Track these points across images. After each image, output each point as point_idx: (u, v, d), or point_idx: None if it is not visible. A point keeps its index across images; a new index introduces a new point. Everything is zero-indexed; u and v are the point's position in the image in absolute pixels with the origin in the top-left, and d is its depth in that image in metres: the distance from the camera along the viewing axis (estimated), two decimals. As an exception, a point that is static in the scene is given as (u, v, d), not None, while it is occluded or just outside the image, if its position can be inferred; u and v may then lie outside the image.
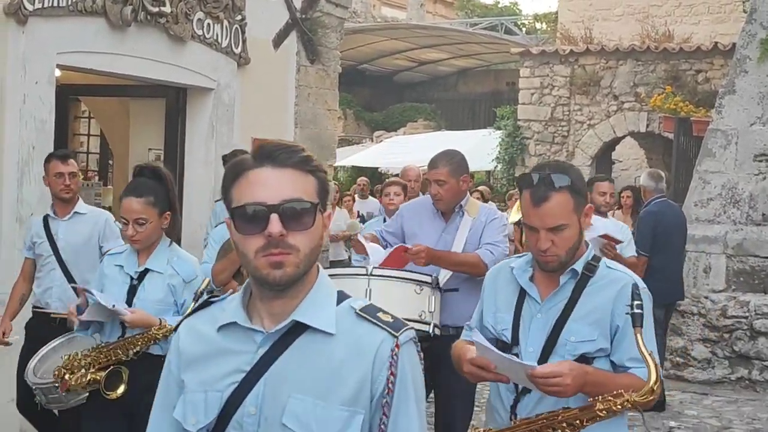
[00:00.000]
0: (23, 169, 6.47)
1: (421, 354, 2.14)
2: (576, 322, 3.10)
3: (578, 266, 3.13)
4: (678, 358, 9.73)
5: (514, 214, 10.41)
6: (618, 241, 6.97)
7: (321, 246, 2.10)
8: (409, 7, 32.57)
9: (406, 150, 21.93)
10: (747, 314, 9.45)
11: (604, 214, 7.22)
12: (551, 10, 29.45)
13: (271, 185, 2.02)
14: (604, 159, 18.87)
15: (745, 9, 12.53)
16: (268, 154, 2.06)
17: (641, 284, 3.14)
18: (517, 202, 11.41)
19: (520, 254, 3.59)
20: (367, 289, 4.71)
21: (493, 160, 19.05)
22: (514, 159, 18.59)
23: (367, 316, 2.08)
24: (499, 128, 19.32)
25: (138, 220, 4.33)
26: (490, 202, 13.52)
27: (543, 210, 3.03)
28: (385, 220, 10.52)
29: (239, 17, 8.56)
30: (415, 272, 4.99)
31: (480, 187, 13.82)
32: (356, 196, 14.19)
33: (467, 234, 5.20)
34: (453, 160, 5.24)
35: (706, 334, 9.62)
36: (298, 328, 2.05)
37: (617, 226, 7.50)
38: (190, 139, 8.49)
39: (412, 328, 2.11)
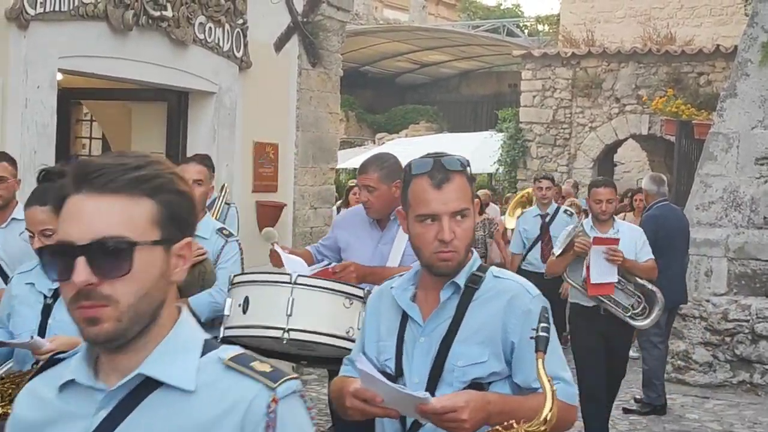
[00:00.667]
0: (25, 174, 6.47)
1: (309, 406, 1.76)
2: (462, 344, 2.69)
3: (461, 279, 2.72)
4: (679, 362, 9.73)
5: (510, 219, 10.41)
6: (613, 241, 6.72)
7: (164, 289, 1.70)
8: (411, 9, 32.59)
9: (407, 152, 21.87)
10: (748, 318, 9.44)
11: (603, 223, 7.00)
12: (553, 12, 29.47)
13: (83, 219, 1.62)
14: (606, 161, 18.87)
15: (747, 12, 12.53)
16: (85, 176, 1.65)
17: (544, 302, 2.74)
18: (513, 208, 11.06)
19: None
20: (289, 299, 4.14)
21: (494, 162, 19.05)
22: (516, 161, 18.60)
23: (237, 367, 1.70)
24: (500, 131, 19.33)
25: (44, 232, 3.70)
26: (491, 204, 13.51)
27: (446, 192, 2.67)
28: None
29: (241, 21, 8.57)
30: (346, 284, 4.42)
31: (479, 191, 13.76)
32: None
33: (405, 244, 4.59)
34: (384, 164, 4.80)
35: (707, 337, 9.62)
36: (149, 385, 1.67)
37: (631, 230, 7.22)
38: (191, 142, 8.49)
39: (297, 378, 1.72)
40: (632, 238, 6.92)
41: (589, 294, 6.75)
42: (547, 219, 10.06)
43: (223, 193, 7.73)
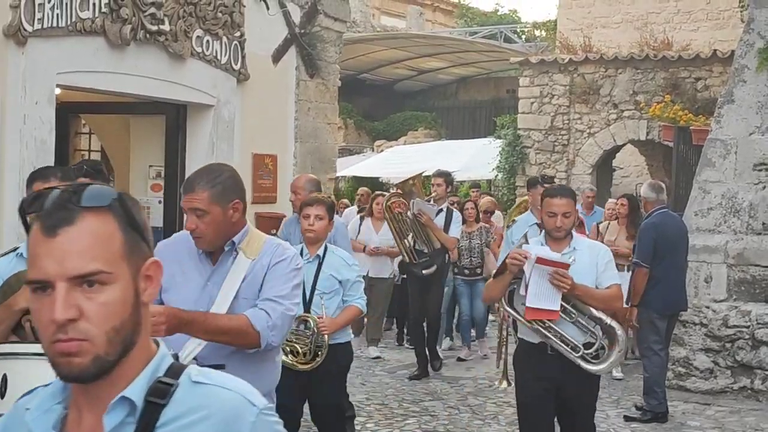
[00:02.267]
0: (24, 189, 6.49)
1: None
2: None
3: (134, 391, 1.68)
4: (680, 368, 9.73)
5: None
6: (564, 265, 5.37)
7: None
8: (409, 16, 32.62)
9: (407, 159, 21.96)
10: (748, 324, 9.44)
11: (558, 241, 5.59)
12: (550, 17, 29.51)
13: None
14: (604, 167, 18.89)
15: (743, 18, 12.55)
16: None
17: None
18: (513, 217, 9.95)
19: None
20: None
21: (493, 169, 19.07)
22: (514, 168, 18.60)
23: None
24: (499, 137, 19.34)
25: None
26: (497, 212, 13.39)
27: (60, 243, 1.64)
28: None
29: (238, 33, 8.59)
30: None
31: (484, 198, 13.52)
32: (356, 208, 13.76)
33: (240, 283, 3.72)
34: (217, 179, 3.72)
35: (707, 343, 9.62)
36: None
37: (593, 249, 5.73)
38: (190, 155, 8.52)
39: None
40: (593, 260, 5.55)
41: (527, 317, 5.47)
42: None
43: None
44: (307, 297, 5.79)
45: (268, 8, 9.07)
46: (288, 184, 9.46)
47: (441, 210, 9.95)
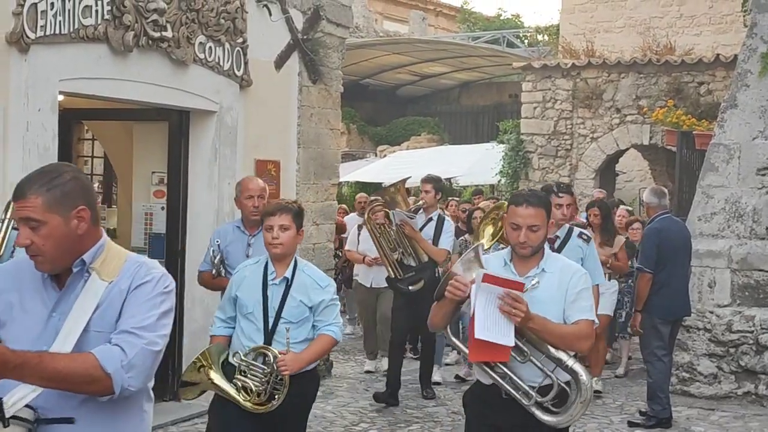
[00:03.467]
0: (27, 196, 6.49)
1: None
2: None
3: None
4: (684, 374, 9.72)
5: (486, 238, 8.16)
6: (516, 285, 4.31)
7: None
8: (411, 21, 32.64)
9: (409, 164, 21.96)
10: (752, 329, 9.43)
11: (524, 261, 4.57)
12: (553, 22, 29.51)
13: None
14: (607, 172, 18.87)
15: (746, 23, 12.54)
16: None
17: None
18: (484, 225, 8.45)
19: None
20: None
21: (496, 174, 19.06)
22: (517, 173, 18.59)
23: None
24: (502, 142, 19.34)
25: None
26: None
27: None
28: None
29: (241, 40, 8.60)
30: None
31: (482, 203, 13.24)
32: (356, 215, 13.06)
33: (91, 313, 2.98)
34: (54, 182, 2.98)
35: (711, 349, 9.61)
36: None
37: (565, 273, 4.59)
38: (193, 161, 8.52)
39: None
40: (562, 286, 4.50)
41: (469, 357, 4.56)
42: (557, 244, 7.31)
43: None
44: (270, 326, 5.10)
45: (270, 14, 9.08)
46: (291, 189, 9.47)
47: (431, 219, 9.21)
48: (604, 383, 9.99)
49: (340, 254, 12.30)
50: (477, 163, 20.37)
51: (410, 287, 8.99)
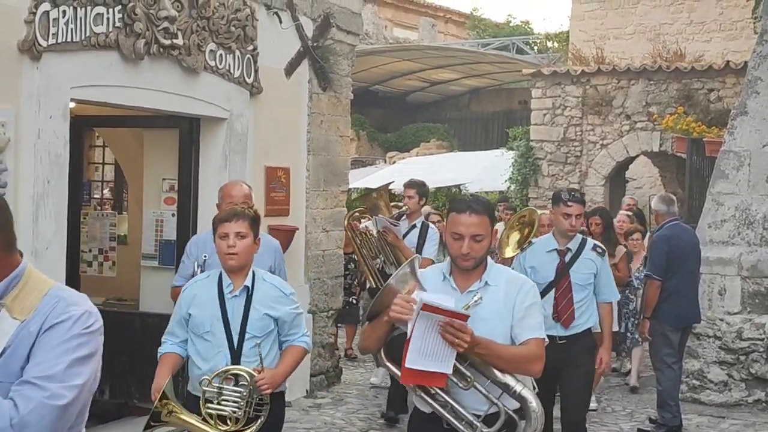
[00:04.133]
0: (38, 203, 6.53)
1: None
2: None
3: None
4: (694, 381, 9.70)
5: (508, 249, 7.77)
6: (460, 316, 3.75)
7: None
8: (421, 28, 32.67)
9: (419, 171, 21.97)
10: (763, 336, 9.42)
11: (465, 274, 4.09)
12: (563, 29, 29.51)
13: None
14: (617, 178, 18.86)
15: (756, 29, 12.52)
16: None
17: None
18: (510, 231, 7.98)
19: None
20: None
21: (506, 180, 19.06)
22: (527, 179, 18.59)
23: None
24: (511, 149, 19.35)
25: None
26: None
27: None
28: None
29: (251, 47, 8.62)
30: None
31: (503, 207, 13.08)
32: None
33: None
34: None
35: (722, 356, 9.59)
36: None
37: (511, 285, 4.10)
38: (203, 168, 8.54)
39: None
40: (509, 301, 4.00)
41: (402, 379, 3.98)
42: (568, 257, 6.71)
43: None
44: (236, 343, 4.66)
45: (281, 22, 9.11)
46: (301, 196, 9.49)
47: (414, 226, 8.71)
48: (613, 390, 9.97)
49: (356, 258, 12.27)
50: (486, 170, 20.37)
51: None
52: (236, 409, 4.55)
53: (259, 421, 4.58)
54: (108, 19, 7.02)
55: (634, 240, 10.58)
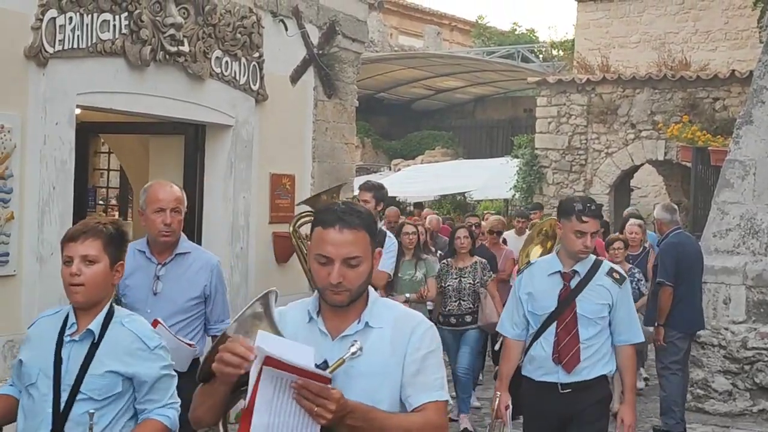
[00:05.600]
0: (44, 209, 6.55)
1: None
2: None
3: None
4: (699, 390, 9.66)
5: (535, 249, 7.46)
6: (320, 378, 2.63)
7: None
8: (426, 36, 32.70)
9: (424, 178, 21.97)
10: (767, 346, 9.38)
11: (336, 313, 2.92)
12: (568, 37, 29.52)
13: None
14: (622, 187, 18.84)
15: (762, 39, 12.52)
16: None
17: None
18: (532, 243, 7.81)
19: None
20: None
21: (511, 188, 19.06)
22: (532, 187, 18.59)
23: None
24: (516, 157, 19.36)
25: None
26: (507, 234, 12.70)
27: None
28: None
29: (257, 54, 8.64)
30: None
31: (490, 218, 12.31)
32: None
33: None
34: None
35: (726, 365, 9.55)
36: None
37: (404, 323, 2.99)
38: (209, 175, 8.55)
39: None
40: (398, 350, 2.92)
41: None
42: (574, 282, 5.26)
43: None
44: (62, 404, 3.37)
45: (286, 29, 9.13)
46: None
47: None
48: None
49: None
50: (491, 178, 20.39)
51: None
52: None
53: None
54: (114, 25, 7.04)
55: (615, 250, 9.84)
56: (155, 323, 4.50)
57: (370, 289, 2.99)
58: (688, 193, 16.14)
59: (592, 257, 5.30)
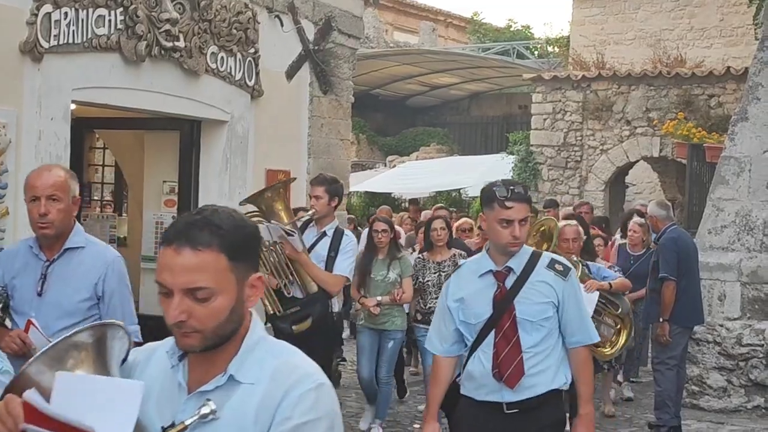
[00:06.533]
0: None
1: None
2: None
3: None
4: (694, 387, 9.68)
5: None
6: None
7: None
8: (421, 32, 32.69)
9: (419, 175, 21.98)
10: (762, 342, 9.40)
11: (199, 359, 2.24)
12: (563, 34, 29.53)
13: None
14: (617, 184, 18.86)
15: (757, 35, 12.53)
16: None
17: None
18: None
19: None
20: None
21: (506, 185, 19.04)
22: (527, 184, 18.58)
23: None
24: (511, 153, 19.37)
25: None
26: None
27: None
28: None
29: (252, 50, 8.63)
30: None
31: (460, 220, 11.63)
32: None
33: None
34: None
35: (721, 362, 9.57)
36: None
37: (278, 387, 2.12)
38: (204, 171, 8.54)
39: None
40: (264, 412, 2.13)
41: None
42: (510, 280, 4.47)
43: None
44: None
45: (282, 25, 9.11)
46: (301, 199, 9.48)
47: (324, 234, 6.95)
48: (612, 397, 9.96)
49: None
50: (486, 174, 20.32)
51: (293, 327, 6.65)
52: None
53: None
54: (109, 21, 7.02)
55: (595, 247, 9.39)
56: (28, 324, 4.12)
57: (254, 328, 2.26)
58: (683, 190, 16.15)
59: (528, 249, 4.43)
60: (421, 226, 9.65)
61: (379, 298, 8.19)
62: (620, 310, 6.58)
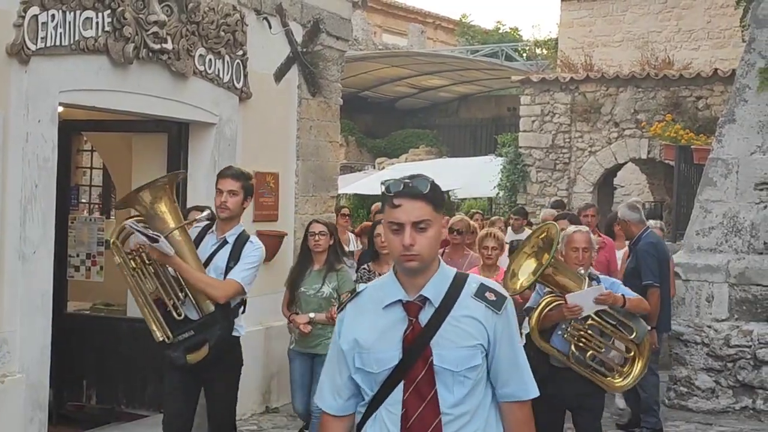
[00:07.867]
0: (26, 207, 6.50)
1: None
2: None
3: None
4: (682, 388, 9.71)
5: (526, 263, 6.08)
6: None
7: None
8: (410, 34, 32.71)
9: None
10: (750, 343, 9.43)
11: None
12: (551, 36, 29.59)
13: None
14: (605, 185, 18.90)
15: (744, 37, 12.57)
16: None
17: None
18: (517, 260, 6.09)
19: None
20: None
21: (495, 186, 19.09)
22: (516, 186, 18.63)
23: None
24: (500, 155, 19.40)
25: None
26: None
27: None
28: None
29: (240, 52, 8.61)
30: None
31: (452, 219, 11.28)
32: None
33: None
34: None
35: (709, 363, 9.60)
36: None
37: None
38: (192, 173, 8.51)
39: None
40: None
41: None
42: (425, 316, 3.16)
43: None
44: None
45: (270, 27, 9.10)
46: (290, 202, 9.47)
47: (224, 241, 5.88)
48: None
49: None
50: (475, 176, 20.41)
51: (188, 357, 5.63)
52: None
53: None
54: (97, 23, 6.99)
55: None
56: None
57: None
58: (671, 192, 16.19)
59: (450, 272, 3.20)
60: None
61: (311, 315, 7.23)
62: (635, 334, 5.87)
